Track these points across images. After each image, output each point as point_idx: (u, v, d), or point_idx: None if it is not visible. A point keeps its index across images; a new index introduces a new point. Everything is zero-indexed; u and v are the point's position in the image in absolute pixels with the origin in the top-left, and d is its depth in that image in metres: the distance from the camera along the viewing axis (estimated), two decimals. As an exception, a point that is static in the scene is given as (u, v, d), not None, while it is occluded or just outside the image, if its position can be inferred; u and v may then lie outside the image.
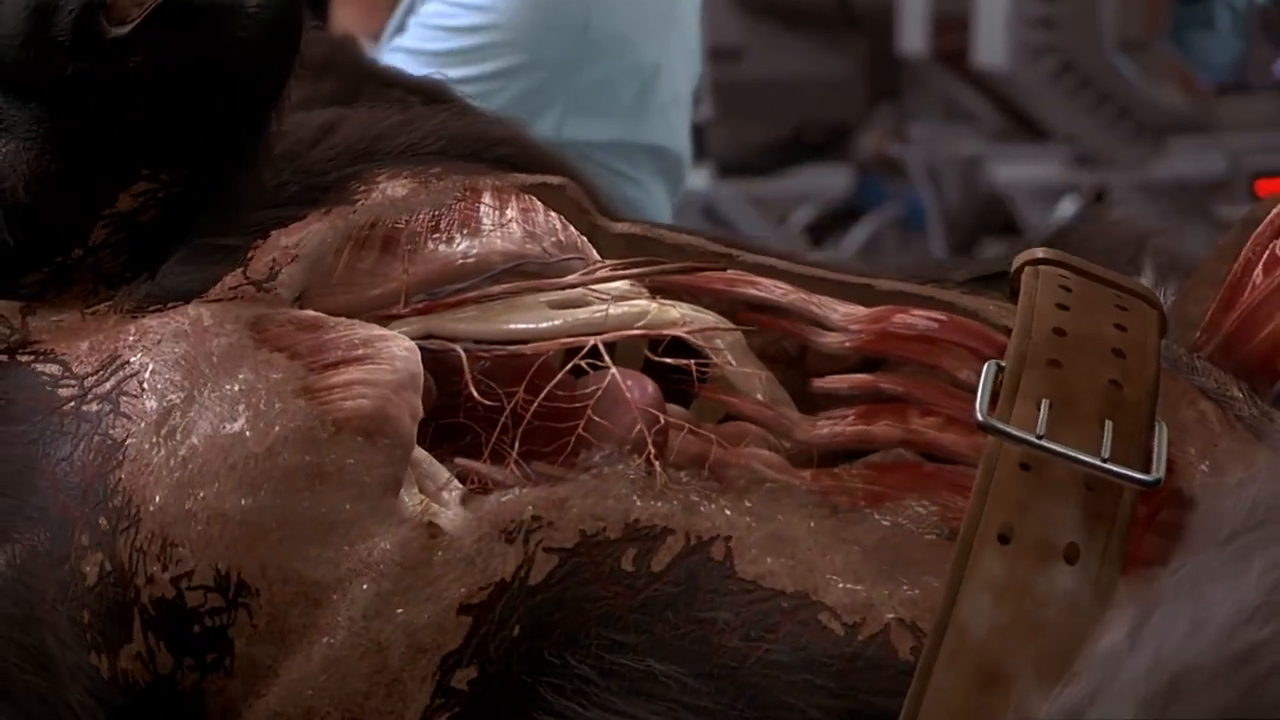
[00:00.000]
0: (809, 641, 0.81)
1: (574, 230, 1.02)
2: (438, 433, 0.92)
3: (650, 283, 1.00)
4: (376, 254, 0.96)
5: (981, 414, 0.83)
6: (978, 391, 0.84)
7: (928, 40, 3.88)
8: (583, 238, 1.02)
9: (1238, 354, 0.96)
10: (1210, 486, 0.85)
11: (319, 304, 0.94)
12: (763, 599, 0.83)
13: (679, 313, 0.98)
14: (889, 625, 0.82)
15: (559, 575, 0.84)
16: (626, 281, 1.00)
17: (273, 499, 0.84)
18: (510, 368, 0.93)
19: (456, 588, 0.83)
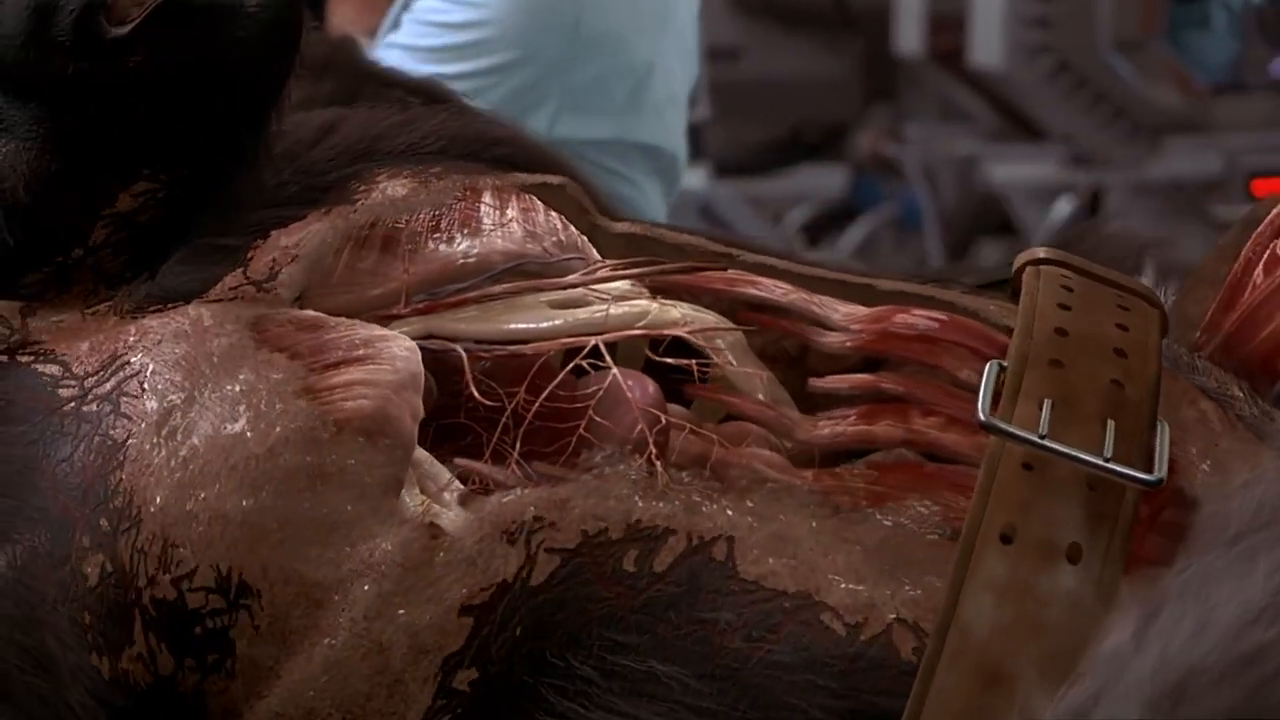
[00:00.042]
0: (811, 642, 0.81)
1: (574, 230, 1.02)
2: (439, 433, 0.92)
3: (651, 282, 1.00)
4: (377, 254, 0.96)
5: (984, 414, 0.83)
6: (979, 391, 0.84)
7: (924, 40, 3.88)
8: (583, 237, 1.02)
9: (1238, 354, 0.96)
10: (1214, 486, 0.85)
11: (319, 304, 0.94)
12: (765, 599, 0.83)
13: (680, 313, 0.98)
14: (891, 625, 0.82)
15: (561, 576, 0.83)
16: (627, 281, 0.99)
17: (274, 500, 0.84)
18: (511, 368, 0.93)
19: (458, 588, 0.83)
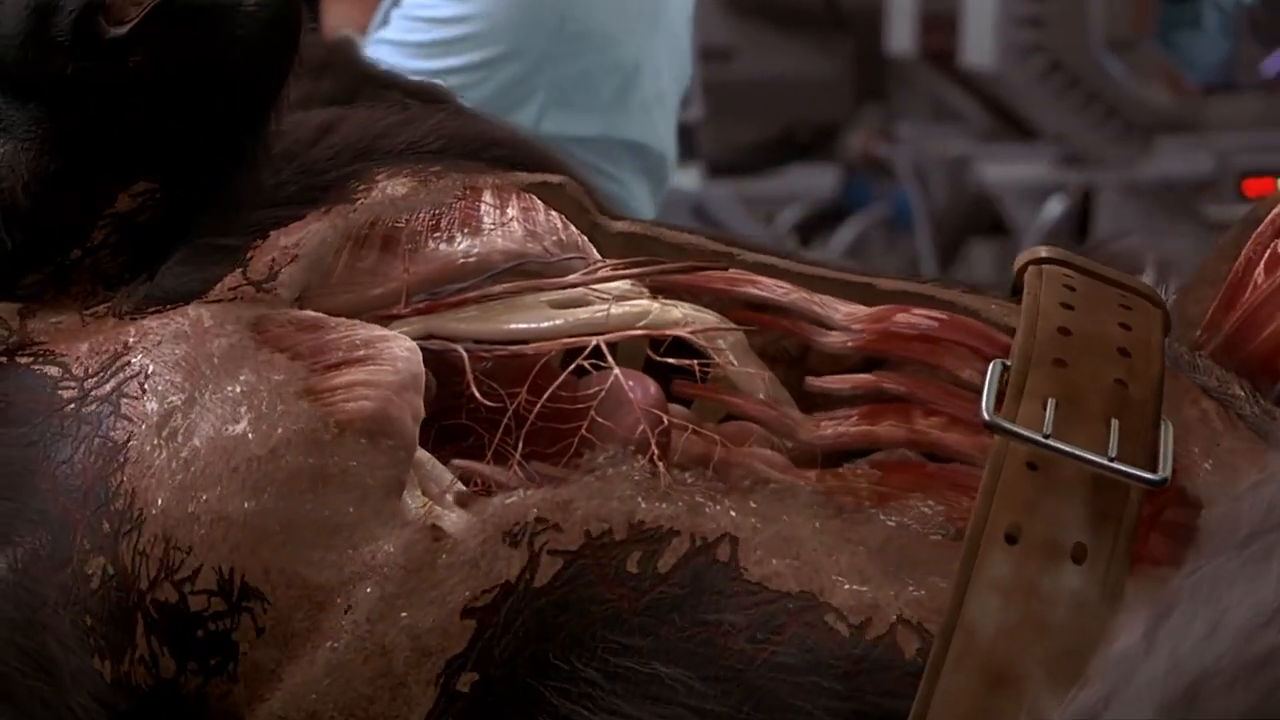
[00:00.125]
0: (815, 643, 0.81)
1: (574, 229, 1.02)
2: (440, 434, 0.92)
3: (651, 282, 1.00)
4: (376, 253, 0.96)
5: (988, 413, 0.83)
6: (983, 391, 0.84)
7: (915, 40, 3.88)
8: (583, 237, 1.02)
9: (1239, 354, 0.96)
10: (1219, 486, 0.85)
11: (319, 304, 0.93)
12: (768, 600, 0.82)
13: (681, 313, 0.97)
14: (895, 626, 0.81)
15: (564, 578, 0.83)
16: (628, 281, 0.99)
17: (276, 502, 0.83)
18: (512, 368, 0.93)
19: (461, 591, 0.83)
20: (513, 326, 0.95)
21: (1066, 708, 0.66)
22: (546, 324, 0.95)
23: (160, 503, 0.84)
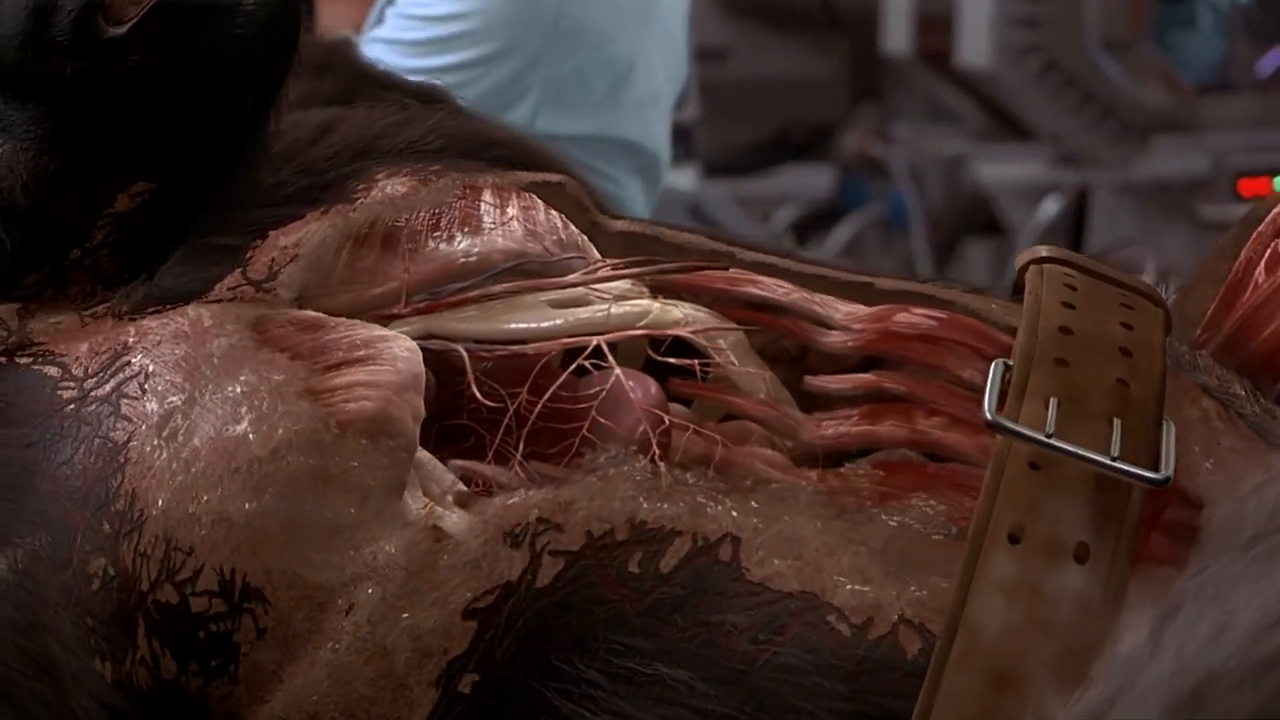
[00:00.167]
0: (817, 643, 0.81)
1: (575, 229, 1.01)
2: (441, 435, 0.91)
3: (651, 282, 0.99)
4: (376, 253, 0.96)
5: (990, 413, 0.82)
6: (985, 390, 0.84)
7: (911, 40, 3.88)
8: (583, 236, 1.02)
9: (1240, 353, 0.96)
10: (1220, 485, 0.85)
11: (319, 304, 0.93)
12: (770, 601, 0.82)
13: (681, 313, 0.97)
14: (897, 626, 0.81)
15: (565, 578, 0.83)
16: (628, 281, 0.99)
17: (277, 503, 0.83)
18: (513, 368, 0.93)
19: (462, 592, 0.83)
20: (513, 326, 0.95)
21: (1071, 708, 0.66)
22: (547, 324, 0.95)
23: (161, 503, 0.83)
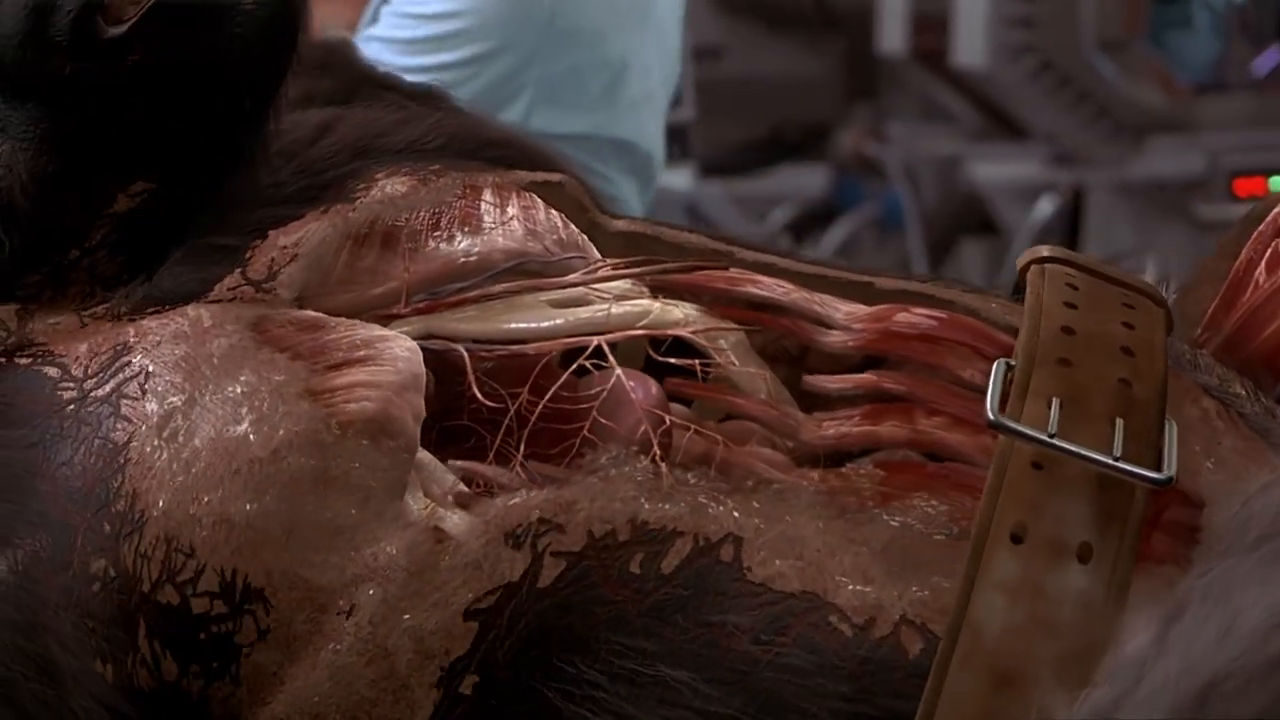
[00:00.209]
0: (820, 644, 0.80)
1: (574, 228, 1.01)
2: (441, 435, 0.91)
3: (651, 281, 0.99)
4: (376, 252, 0.95)
5: (993, 413, 0.82)
6: (987, 390, 0.84)
7: (907, 39, 3.88)
8: (583, 236, 1.02)
9: (1240, 353, 0.95)
10: (1221, 485, 0.85)
11: (319, 304, 0.93)
12: (772, 601, 0.82)
13: (682, 312, 0.97)
14: (899, 627, 0.81)
15: (567, 579, 0.82)
16: (628, 280, 0.99)
17: (278, 504, 0.83)
18: (513, 368, 0.92)
19: (464, 593, 0.82)
20: (513, 326, 0.95)
21: (1078, 709, 0.66)
22: (547, 324, 0.95)
23: (161, 504, 0.83)
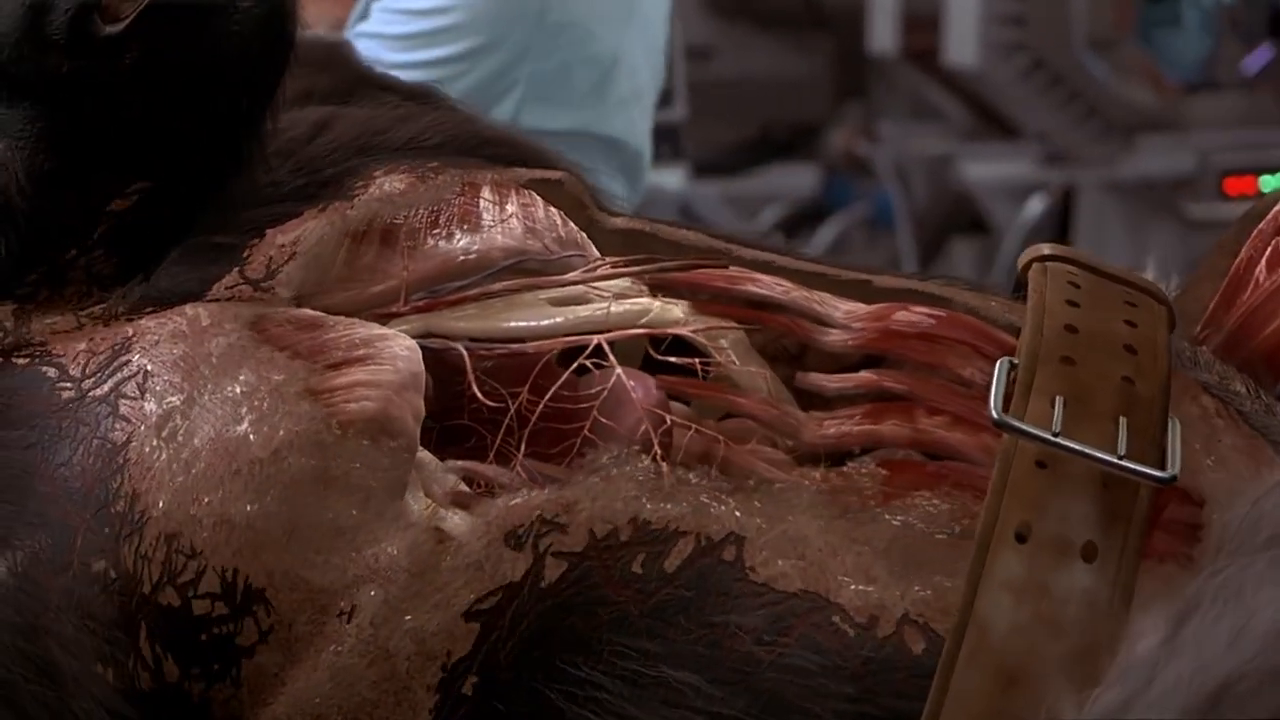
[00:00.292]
0: (823, 644, 0.80)
1: (574, 226, 1.01)
2: (442, 435, 0.91)
3: (651, 280, 0.99)
4: (375, 250, 0.95)
5: (996, 412, 0.82)
6: (990, 389, 0.84)
7: (897, 38, 3.88)
8: (582, 234, 1.01)
9: (1240, 351, 0.95)
10: (1221, 483, 0.85)
11: (318, 302, 0.92)
12: (775, 602, 0.81)
13: (681, 311, 0.97)
14: (901, 626, 0.81)
15: (569, 580, 0.82)
16: (627, 279, 0.98)
17: (279, 505, 0.82)
18: (513, 367, 0.92)
19: (465, 594, 0.82)
20: (513, 325, 0.94)
21: (1088, 710, 0.66)
22: (546, 322, 0.94)
23: (161, 505, 0.83)
